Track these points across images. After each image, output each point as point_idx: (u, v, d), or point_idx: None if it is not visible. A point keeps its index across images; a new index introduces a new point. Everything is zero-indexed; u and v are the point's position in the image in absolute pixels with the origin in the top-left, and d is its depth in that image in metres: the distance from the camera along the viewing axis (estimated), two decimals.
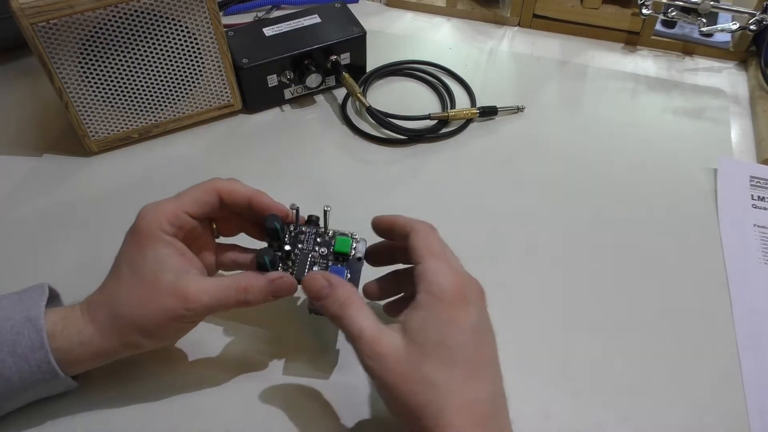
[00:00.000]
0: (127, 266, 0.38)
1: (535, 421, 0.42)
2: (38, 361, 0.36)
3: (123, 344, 0.38)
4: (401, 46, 0.72)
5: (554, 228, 0.54)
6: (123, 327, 0.37)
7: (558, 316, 0.48)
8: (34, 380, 0.37)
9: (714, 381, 0.45)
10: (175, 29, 0.54)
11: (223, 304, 0.37)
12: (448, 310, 0.34)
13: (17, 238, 0.52)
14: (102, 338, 0.37)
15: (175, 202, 0.39)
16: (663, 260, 0.52)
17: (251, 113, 0.64)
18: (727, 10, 0.67)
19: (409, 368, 0.33)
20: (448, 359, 0.33)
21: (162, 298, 0.36)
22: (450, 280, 0.35)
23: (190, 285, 0.37)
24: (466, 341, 0.34)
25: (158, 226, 0.38)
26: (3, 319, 0.37)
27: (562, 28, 0.75)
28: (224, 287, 0.37)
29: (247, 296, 0.38)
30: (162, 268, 0.37)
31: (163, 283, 0.37)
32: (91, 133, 0.57)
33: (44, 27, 0.48)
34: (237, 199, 0.40)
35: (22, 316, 0.37)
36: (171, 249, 0.38)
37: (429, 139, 0.62)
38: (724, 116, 0.65)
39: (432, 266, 0.36)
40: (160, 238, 0.38)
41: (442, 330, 0.34)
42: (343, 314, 0.36)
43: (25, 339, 0.36)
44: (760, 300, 0.49)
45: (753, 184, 0.57)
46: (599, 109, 0.65)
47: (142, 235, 0.38)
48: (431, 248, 0.37)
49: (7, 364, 0.36)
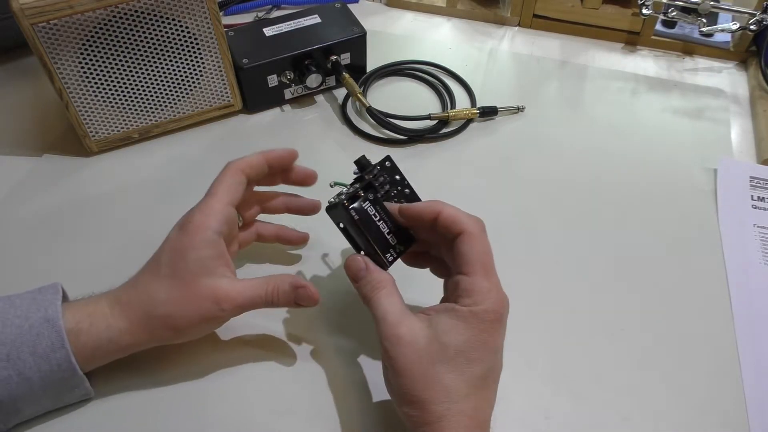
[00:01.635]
0: (167, 266, 0.39)
1: (535, 421, 0.42)
2: (58, 361, 0.37)
3: (151, 339, 0.39)
4: (401, 46, 0.72)
5: (554, 228, 0.54)
6: (157, 326, 0.39)
7: (558, 315, 0.48)
8: (53, 379, 0.37)
9: (714, 381, 0.45)
10: (175, 29, 0.54)
11: (254, 304, 0.40)
12: (485, 329, 0.35)
13: (17, 238, 0.52)
14: (132, 335, 0.39)
15: (215, 198, 0.40)
16: (663, 260, 0.52)
17: (251, 113, 0.64)
18: (727, 10, 0.67)
19: (425, 360, 0.35)
20: (466, 369, 0.35)
21: (200, 301, 0.38)
22: (495, 304, 0.36)
23: (225, 287, 0.39)
24: (487, 358, 0.36)
25: (207, 226, 0.39)
26: (21, 319, 0.37)
27: (562, 28, 0.75)
28: (256, 288, 0.39)
29: (274, 298, 0.40)
30: (202, 271, 0.38)
31: (201, 287, 0.38)
32: (91, 133, 0.57)
33: (44, 27, 0.48)
34: (257, 166, 0.42)
35: (40, 317, 0.37)
36: (213, 251, 0.39)
37: (429, 139, 0.62)
38: (724, 116, 0.65)
39: (484, 286, 0.36)
40: (207, 238, 0.39)
41: (470, 343, 0.35)
42: (371, 296, 0.37)
43: (45, 339, 0.37)
44: (760, 300, 0.49)
45: (753, 184, 0.57)
46: (599, 109, 0.65)
47: (188, 235, 0.39)
48: (485, 262, 0.37)
49: (28, 364, 0.37)
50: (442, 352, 0.35)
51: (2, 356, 0.36)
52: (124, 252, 0.51)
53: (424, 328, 0.36)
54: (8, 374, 0.36)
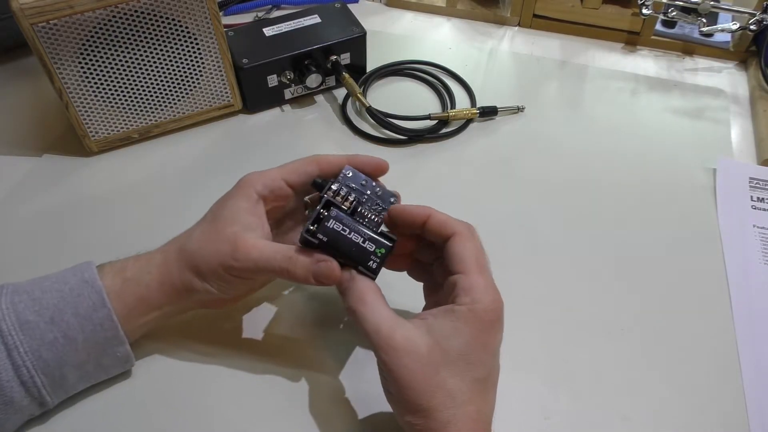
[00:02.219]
0: (211, 212, 0.41)
1: (535, 421, 0.42)
2: (101, 320, 0.38)
3: (180, 280, 0.40)
4: (401, 46, 0.72)
5: (554, 228, 0.54)
6: (182, 260, 0.39)
7: (558, 315, 0.48)
8: (97, 339, 0.38)
9: (714, 381, 0.45)
10: (175, 29, 0.54)
11: (269, 266, 0.38)
12: (484, 329, 0.35)
13: (17, 238, 0.52)
14: (165, 267, 0.40)
15: (278, 169, 0.42)
16: (663, 260, 0.52)
17: (251, 113, 0.64)
18: (727, 10, 0.67)
19: (428, 368, 0.34)
20: (468, 372, 0.34)
21: (219, 243, 0.38)
22: (493, 302, 0.36)
23: (246, 239, 0.38)
24: (488, 360, 0.36)
25: (252, 184, 0.40)
26: (59, 284, 0.39)
27: (562, 28, 0.75)
28: (275, 250, 0.38)
29: (289, 265, 0.37)
30: (233, 219, 0.39)
31: (227, 232, 0.39)
32: (91, 133, 0.57)
33: (44, 27, 0.48)
34: (336, 166, 0.41)
35: (78, 279, 0.39)
36: (250, 206, 0.40)
37: (429, 139, 0.62)
38: (724, 116, 0.65)
39: (479, 283, 0.36)
40: (248, 194, 0.40)
41: (471, 345, 0.35)
42: (356, 308, 0.36)
43: (86, 300, 0.38)
44: (760, 300, 0.49)
45: (752, 185, 0.57)
46: (599, 109, 0.65)
47: (235, 188, 0.41)
48: (478, 260, 0.37)
49: (72, 325, 0.38)
50: (444, 358, 0.34)
51: (47, 319, 0.37)
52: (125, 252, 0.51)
53: (423, 334, 0.35)
54: (54, 336, 0.37)
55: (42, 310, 0.37)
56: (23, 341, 0.37)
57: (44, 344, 0.37)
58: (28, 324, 0.37)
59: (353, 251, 0.37)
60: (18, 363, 0.36)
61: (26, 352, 0.37)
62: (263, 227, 0.40)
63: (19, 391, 0.37)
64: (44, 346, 0.37)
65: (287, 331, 0.47)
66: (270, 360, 0.45)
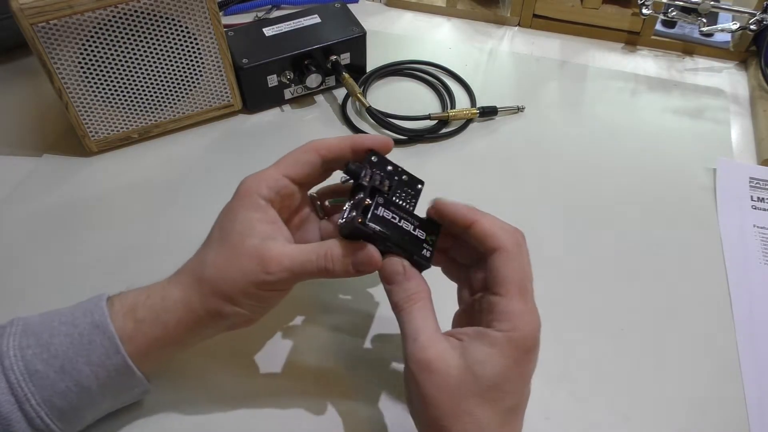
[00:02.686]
0: (218, 230, 0.38)
1: (535, 421, 0.42)
2: (116, 366, 0.36)
3: (206, 311, 0.36)
4: (401, 46, 0.72)
5: (554, 228, 0.54)
6: (206, 291, 0.36)
7: (558, 315, 0.48)
8: (112, 384, 0.36)
9: (714, 380, 0.45)
10: (175, 29, 0.54)
11: (306, 270, 0.36)
12: (520, 358, 0.33)
13: (17, 238, 0.52)
14: (186, 303, 0.36)
15: (275, 167, 0.39)
16: (663, 260, 0.52)
17: (251, 113, 0.64)
18: (727, 10, 0.67)
19: (456, 392, 0.32)
20: (499, 402, 0.32)
21: (243, 261, 0.35)
22: (532, 330, 0.33)
23: (272, 249, 0.36)
24: (521, 389, 0.34)
25: (255, 190, 0.37)
26: (68, 326, 0.36)
27: (562, 28, 0.75)
28: (307, 252, 0.36)
29: (328, 264, 0.35)
30: (249, 232, 0.36)
31: (246, 247, 0.36)
32: (91, 133, 0.57)
33: (44, 27, 0.48)
34: (337, 150, 0.39)
35: (87, 322, 0.36)
36: (261, 214, 0.37)
37: (429, 139, 0.62)
38: (724, 116, 0.65)
39: (520, 309, 0.33)
40: (254, 202, 0.37)
41: (505, 376, 0.32)
42: (404, 307, 0.34)
43: (98, 347, 0.35)
44: (760, 300, 0.49)
45: (752, 185, 0.57)
46: (599, 109, 0.65)
47: (238, 199, 0.38)
48: (522, 284, 0.34)
49: (85, 374, 0.35)
50: (475, 385, 0.32)
51: (57, 368, 0.35)
52: (125, 252, 0.51)
53: (456, 356, 0.32)
54: (66, 386, 0.35)
55: (51, 358, 0.35)
56: (34, 393, 0.35)
57: (56, 394, 0.35)
58: (38, 374, 0.35)
59: (406, 240, 0.35)
60: (31, 415, 0.34)
61: (38, 403, 0.35)
62: (283, 232, 0.38)
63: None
64: (56, 396, 0.35)
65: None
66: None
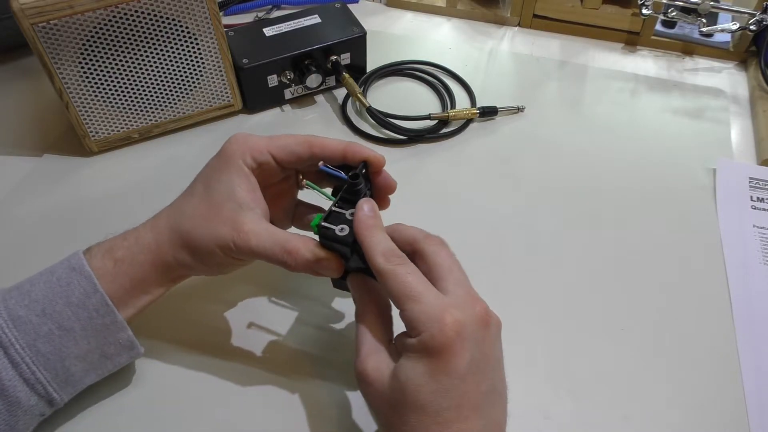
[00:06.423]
0: (202, 185, 0.39)
1: (535, 421, 0.42)
2: (95, 305, 0.37)
3: (174, 259, 0.38)
4: (401, 46, 0.72)
5: (554, 228, 0.54)
6: (177, 240, 0.38)
7: (558, 315, 0.48)
8: (95, 326, 0.37)
9: (714, 381, 0.45)
10: (175, 29, 0.54)
11: (267, 255, 0.37)
12: (434, 361, 0.32)
13: (17, 238, 0.52)
14: (158, 245, 0.38)
15: (267, 140, 0.40)
16: (663, 260, 0.52)
17: (251, 113, 0.64)
18: (727, 10, 0.67)
19: (391, 403, 0.33)
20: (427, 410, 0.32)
21: (219, 224, 0.37)
22: (439, 328, 0.32)
23: (246, 223, 0.37)
24: (450, 388, 0.32)
25: (241, 156, 0.39)
26: (46, 275, 0.38)
27: (562, 28, 0.75)
28: (274, 240, 0.37)
29: (289, 260, 0.37)
30: (230, 196, 0.38)
31: (226, 211, 0.37)
32: (91, 133, 0.57)
33: (44, 27, 0.48)
34: (330, 151, 0.40)
35: (64, 267, 0.38)
36: (244, 181, 0.38)
37: (429, 139, 0.62)
38: (724, 116, 0.65)
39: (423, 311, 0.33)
40: (240, 167, 0.38)
41: (424, 382, 0.32)
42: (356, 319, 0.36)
43: (76, 287, 0.37)
44: (760, 300, 0.49)
45: (752, 185, 0.57)
46: (599, 109, 0.65)
47: (225, 159, 0.39)
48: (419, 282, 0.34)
49: (66, 315, 0.36)
50: (402, 398, 0.32)
51: (38, 312, 0.36)
52: None
53: (389, 368, 0.34)
54: (48, 329, 0.36)
55: (32, 303, 0.36)
56: (18, 337, 0.36)
57: (39, 337, 0.36)
58: (20, 319, 0.36)
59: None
60: (17, 360, 0.35)
61: (23, 347, 0.36)
62: (260, 204, 0.39)
63: (24, 390, 0.36)
64: (40, 340, 0.36)
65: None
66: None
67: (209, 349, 0.45)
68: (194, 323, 0.46)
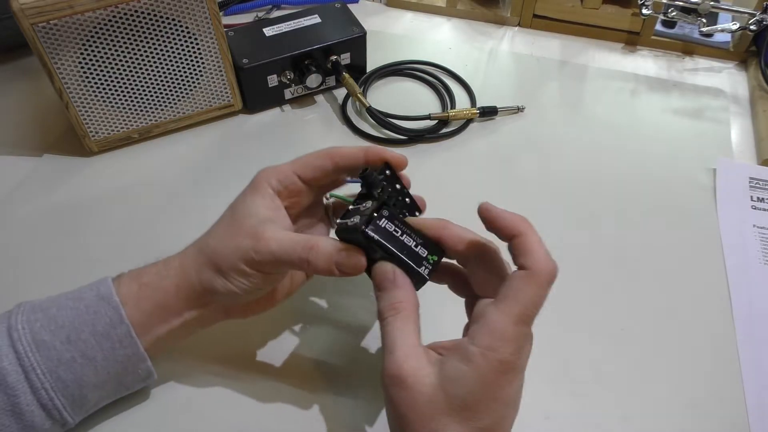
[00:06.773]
0: (229, 210, 0.40)
1: (535, 421, 0.42)
2: (119, 337, 0.37)
3: (199, 281, 0.38)
4: (401, 46, 0.72)
5: (554, 228, 0.54)
6: (202, 260, 0.38)
7: (558, 316, 0.48)
8: (116, 357, 0.37)
9: (714, 381, 0.45)
10: (175, 29, 0.54)
11: (290, 256, 0.36)
12: (495, 381, 0.31)
13: (17, 238, 0.52)
14: (183, 267, 0.39)
15: (290, 164, 0.41)
16: (663, 260, 0.52)
17: (251, 113, 0.64)
18: (727, 10, 0.67)
19: (427, 411, 0.32)
20: (471, 421, 0.31)
21: (240, 237, 0.37)
22: (511, 355, 0.32)
23: (267, 231, 0.37)
24: (498, 410, 0.32)
25: (266, 180, 0.40)
26: (74, 301, 0.37)
27: (562, 28, 0.75)
28: (295, 241, 0.37)
29: (311, 256, 0.36)
30: (252, 213, 0.38)
31: (246, 225, 0.38)
32: (91, 133, 0.57)
33: (45, 27, 0.48)
34: (351, 158, 0.40)
35: (93, 295, 0.37)
36: (268, 201, 0.39)
37: (429, 139, 0.62)
38: (724, 116, 0.65)
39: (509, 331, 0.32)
40: (263, 190, 0.40)
41: (478, 396, 0.31)
42: (386, 316, 0.34)
43: (103, 317, 0.37)
44: (760, 300, 0.49)
45: (752, 185, 0.57)
46: (599, 109, 0.65)
47: (252, 185, 0.40)
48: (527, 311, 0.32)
49: (90, 344, 0.36)
50: (446, 403, 0.31)
51: (63, 339, 0.36)
52: (124, 252, 0.51)
53: (432, 373, 0.32)
54: (71, 356, 0.36)
55: (57, 329, 0.36)
56: (40, 362, 0.35)
57: (62, 364, 0.36)
58: (44, 344, 0.36)
59: (405, 253, 0.35)
60: (37, 386, 0.35)
61: (44, 373, 0.35)
62: (283, 219, 0.40)
63: (40, 414, 0.36)
64: (62, 367, 0.36)
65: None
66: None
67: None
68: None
